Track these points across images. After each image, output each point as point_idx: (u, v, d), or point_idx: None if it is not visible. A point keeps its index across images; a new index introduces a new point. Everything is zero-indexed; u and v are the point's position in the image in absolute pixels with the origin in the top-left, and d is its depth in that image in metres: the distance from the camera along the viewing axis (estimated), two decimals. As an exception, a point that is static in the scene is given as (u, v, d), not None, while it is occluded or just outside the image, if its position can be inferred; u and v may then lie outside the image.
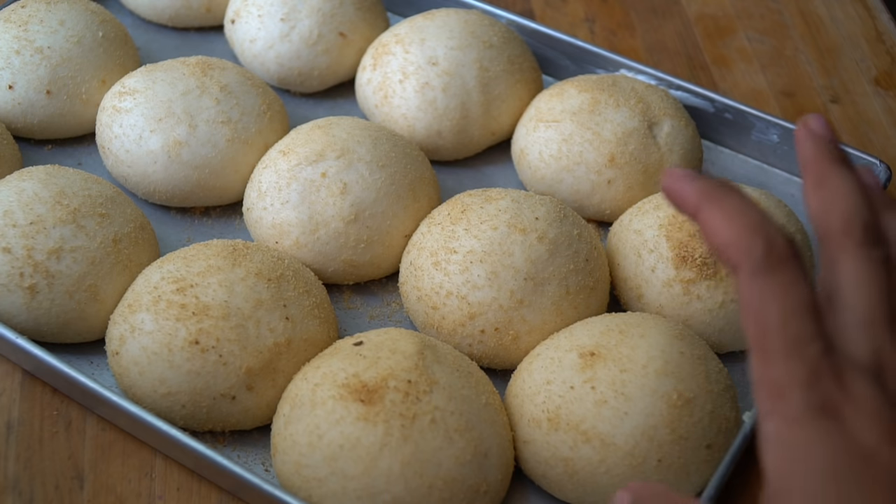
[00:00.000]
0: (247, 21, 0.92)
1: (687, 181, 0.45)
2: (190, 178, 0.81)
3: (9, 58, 0.84)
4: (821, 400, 0.41)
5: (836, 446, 0.41)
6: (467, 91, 0.86)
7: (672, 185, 0.46)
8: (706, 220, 0.44)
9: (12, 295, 0.71)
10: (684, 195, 0.45)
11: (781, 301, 0.42)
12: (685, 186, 0.45)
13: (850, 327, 0.43)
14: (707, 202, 0.44)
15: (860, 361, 0.43)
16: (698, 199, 0.44)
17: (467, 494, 0.63)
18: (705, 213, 0.44)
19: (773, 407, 0.42)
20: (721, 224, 0.43)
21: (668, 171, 0.46)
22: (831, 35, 1.05)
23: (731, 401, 0.68)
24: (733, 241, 0.42)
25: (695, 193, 0.45)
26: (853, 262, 0.44)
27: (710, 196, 0.44)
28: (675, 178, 0.46)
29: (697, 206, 0.44)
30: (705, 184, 0.45)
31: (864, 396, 0.41)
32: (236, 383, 0.67)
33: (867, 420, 0.41)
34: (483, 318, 0.72)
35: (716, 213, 0.43)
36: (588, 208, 0.83)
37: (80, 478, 0.68)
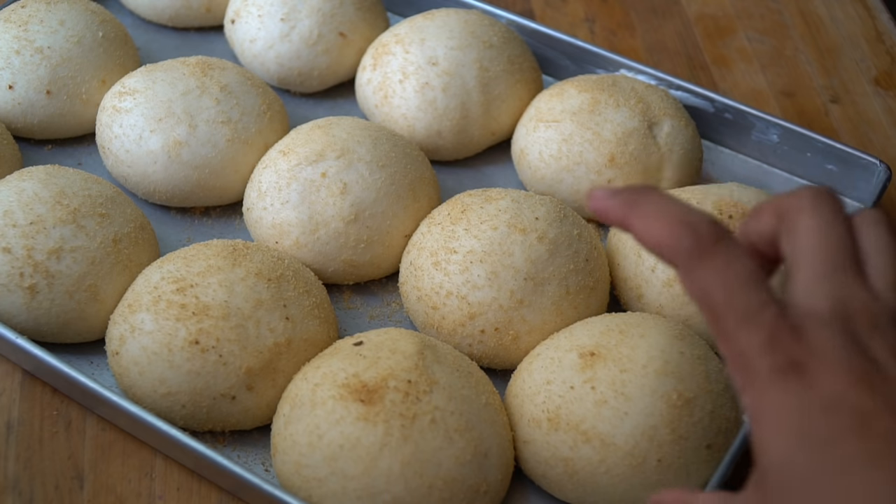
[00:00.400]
0: (247, 21, 0.92)
1: (608, 197, 0.46)
2: (190, 178, 0.81)
3: (9, 58, 0.84)
4: (784, 359, 0.41)
5: (804, 401, 0.41)
6: (467, 91, 0.86)
7: (598, 206, 0.47)
8: (635, 228, 0.45)
9: (12, 295, 0.71)
10: (610, 211, 0.46)
11: (721, 281, 0.42)
12: (608, 203, 0.46)
13: (808, 281, 0.44)
14: (631, 211, 0.45)
15: (820, 313, 0.42)
16: (622, 211, 0.45)
17: (467, 494, 0.63)
18: (632, 221, 0.45)
19: (743, 380, 0.42)
20: (647, 228, 0.44)
21: (591, 193, 0.47)
22: (831, 35, 1.05)
23: (731, 401, 0.68)
24: (663, 241, 0.44)
25: (618, 206, 0.46)
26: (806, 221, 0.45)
27: (631, 204, 0.45)
28: (598, 197, 0.47)
29: (624, 218, 0.45)
30: (625, 194, 0.46)
31: (826, 347, 0.41)
32: (236, 383, 0.67)
33: (831, 368, 0.41)
34: (483, 318, 0.72)
35: (640, 219, 0.45)
36: (588, 208, 0.83)
37: (80, 478, 0.68)
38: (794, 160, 0.89)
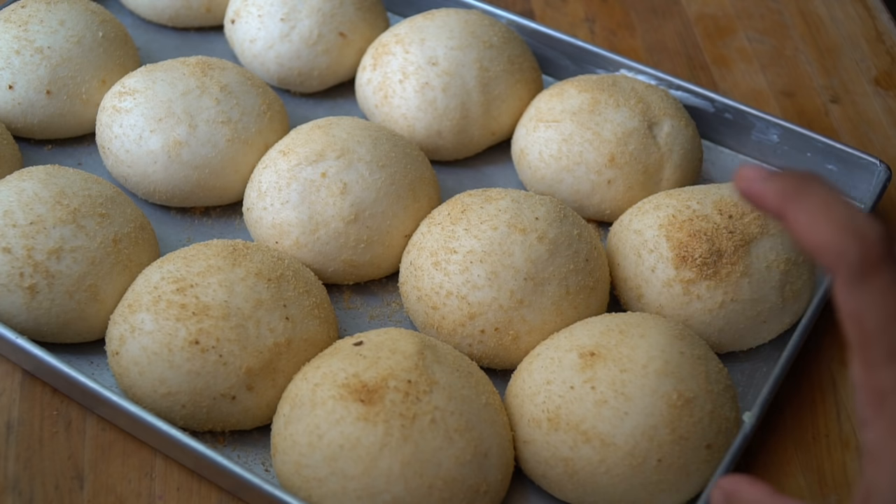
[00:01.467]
0: (247, 21, 0.92)
1: (764, 181, 0.42)
2: (190, 178, 0.81)
3: (9, 58, 0.84)
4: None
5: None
6: (467, 91, 0.86)
7: (749, 188, 0.42)
8: (792, 223, 0.41)
9: (12, 295, 0.71)
10: (764, 198, 0.42)
11: (881, 307, 0.39)
12: (763, 188, 0.42)
13: None
14: (792, 203, 0.41)
15: None
16: (780, 200, 0.41)
17: (467, 494, 0.63)
18: (790, 215, 0.41)
19: (874, 414, 0.40)
20: (809, 227, 0.40)
21: (741, 171, 0.43)
22: (831, 35, 1.05)
23: (731, 401, 0.68)
24: (825, 246, 0.40)
25: (775, 195, 0.42)
26: None
27: (793, 195, 0.41)
28: (751, 179, 0.42)
29: (781, 209, 0.41)
30: (784, 182, 0.41)
31: None
32: (236, 383, 0.67)
33: None
34: (483, 318, 0.72)
35: (801, 214, 0.40)
36: (588, 208, 0.83)
37: (80, 478, 0.68)
38: (794, 160, 0.89)
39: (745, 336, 0.75)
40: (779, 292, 0.74)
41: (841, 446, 0.72)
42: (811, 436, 0.73)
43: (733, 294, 0.73)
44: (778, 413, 0.74)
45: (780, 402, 0.74)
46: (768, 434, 0.73)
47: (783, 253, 0.74)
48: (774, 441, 0.72)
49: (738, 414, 0.68)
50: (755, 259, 0.73)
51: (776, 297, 0.74)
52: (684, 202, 0.76)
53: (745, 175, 0.43)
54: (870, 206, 0.81)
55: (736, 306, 0.73)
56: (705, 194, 0.77)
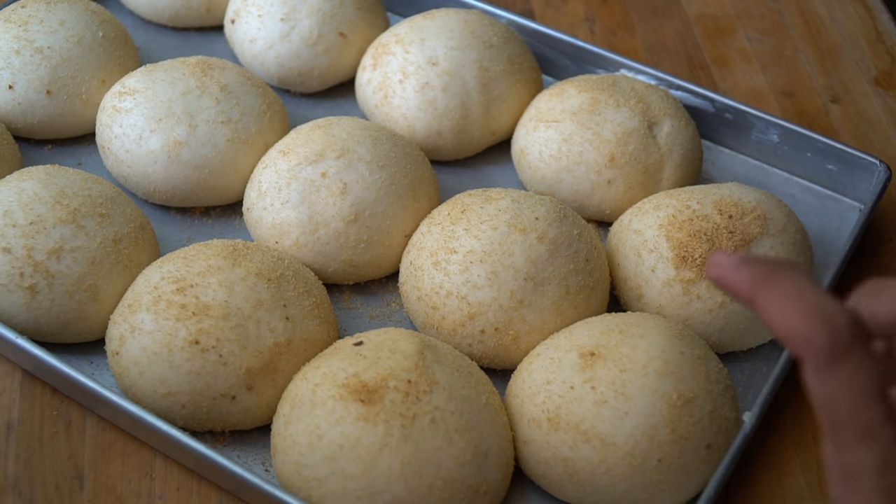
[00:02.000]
0: (247, 21, 0.92)
1: (734, 269, 0.43)
2: (190, 178, 0.81)
3: (9, 58, 0.84)
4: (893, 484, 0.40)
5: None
6: (467, 91, 0.86)
7: (720, 276, 0.44)
8: (762, 311, 0.42)
9: (12, 295, 0.71)
10: (736, 286, 0.43)
11: (850, 391, 0.40)
12: (734, 276, 0.43)
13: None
14: (760, 291, 0.42)
15: None
16: (750, 288, 0.42)
17: (467, 494, 0.63)
18: (760, 303, 0.42)
19: (846, 492, 0.41)
20: (778, 315, 0.41)
21: (713, 259, 0.44)
22: (831, 35, 1.05)
23: (731, 401, 0.68)
24: (794, 333, 0.41)
25: (745, 283, 0.43)
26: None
27: (762, 284, 0.42)
28: (722, 267, 0.43)
29: (751, 297, 0.42)
30: (754, 270, 0.43)
31: None
32: (236, 383, 0.67)
33: None
34: (483, 318, 0.72)
35: (771, 303, 0.42)
36: (588, 208, 0.83)
37: (80, 478, 0.68)
38: (794, 160, 0.89)
39: (745, 336, 0.75)
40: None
41: (841, 446, 0.72)
42: (811, 436, 0.73)
43: (733, 294, 0.73)
44: (778, 413, 0.74)
45: (780, 402, 0.74)
46: (768, 434, 0.73)
47: (783, 253, 0.74)
48: (774, 441, 0.72)
49: (738, 414, 0.68)
50: (755, 259, 0.73)
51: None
52: (684, 202, 0.76)
53: (716, 262, 0.44)
54: (870, 206, 0.81)
55: (736, 306, 0.73)
56: (705, 194, 0.77)
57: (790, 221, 0.77)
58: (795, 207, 0.85)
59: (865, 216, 0.81)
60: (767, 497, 0.70)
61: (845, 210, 0.88)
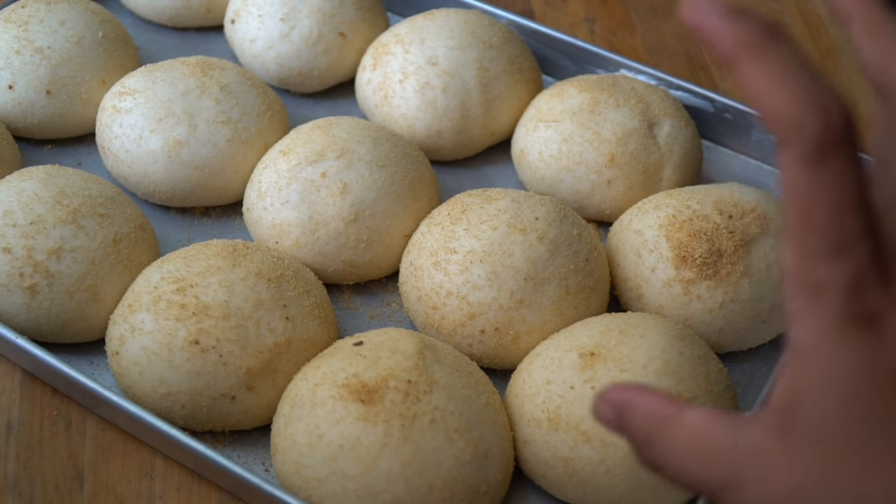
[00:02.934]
0: (247, 21, 0.92)
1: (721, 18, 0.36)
2: (190, 178, 0.81)
3: (9, 58, 0.84)
4: (862, 309, 0.36)
5: (866, 362, 0.36)
6: (467, 91, 0.86)
7: (702, 22, 0.36)
8: (747, 79, 0.36)
9: (12, 295, 0.71)
10: (719, 37, 0.36)
11: (832, 193, 0.35)
12: (719, 26, 0.36)
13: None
14: (748, 55, 0.35)
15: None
16: (736, 47, 0.36)
17: (467, 494, 0.63)
18: (746, 69, 0.36)
19: (806, 309, 0.37)
20: (767, 87, 0.35)
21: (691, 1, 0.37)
22: (831, 35, 1.05)
23: (731, 401, 0.68)
24: (781, 114, 0.35)
25: (732, 39, 0.36)
26: None
27: (751, 47, 0.35)
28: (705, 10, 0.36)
29: (736, 58, 0.36)
30: (745, 27, 0.36)
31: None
32: (236, 383, 0.67)
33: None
34: (483, 318, 0.72)
35: (760, 70, 0.35)
36: (588, 208, 0.83)
37: (80, 478, 0.68)
38: (794, 160, 0.89)
39: (745, 336, 0.75)
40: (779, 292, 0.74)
41: (841, 446, 0.72)
42: (811, 436, 0.73)
43: (733, 294, 0.73)
44: (778, 413, 0.74)
45: (780, 402, 0.74)
46: (768, 434, 0.72)
47: (783, 253, 0.74)
48: (774, 441, 0.72)
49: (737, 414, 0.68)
50: (755, 259, 0.73)
51: (776, 297, 0.74)
52: (684, 202, 0.76)
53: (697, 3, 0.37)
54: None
55: (736, 306, 0.73)
56: (705, 194, 0.77)
57: (790, 221, 0.77)
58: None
59: (865, 216, 0.81)
60: (767, 497, 0.70)
61: (845, 210, 0.88)
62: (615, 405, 0.42)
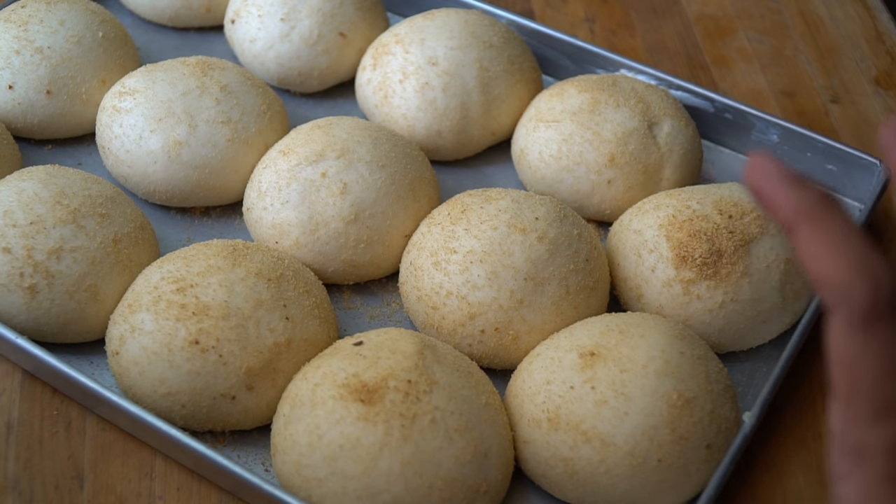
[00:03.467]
0: (247, 21, 0.92)
1: (780, 185, 0.38)
2: (190, 178, 0.81)
3: (9, 58, 0.84)
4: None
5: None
6: (467, 91, 0.86)
7: (763, 187, 0.39)
8: (802, 244, 0.38)
9: (12, 295, 0.71)
10: (778, 204, 0.38)
11: (878, 359, 0.37)
12: (779, 193, 0.38)
13: None
14: (805, 222, 0.38)
15: None
16: (794, 214, 0.38)
17: (467, 494, 0.63)
18: (804, 234, 0.38)
19: (852, 470, 0.39)
20: (821, 253, 0.37)
21: (756, 159, 0.39)
22: (831, 35, 1.05)
23: (731, 401, 0.68)
24: (832, 280, 0.37)
25: (790, 205, 0.38)
26: None
27: (807, 214, 0.38)
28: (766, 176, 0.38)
29: (793, 223, 0.38)
30: (802, 195, 0.38)
31: None
32: (236, 383, 0.67)
33: None
34: (483, 318, 0.72)
35: (817, 236, 0.37)
36: (588, 208, 0.83)
37: (80, 478, 0.68)
38: (794, 160, 0.89)
39: (745, 336, 0.75)
40: (779, 292, 0.74)
41: (841, 446, 0.72)
42: (811, 436, 0.73)
43: (733, 294, 0.73)
44: (778, 413, 0.74)
45: (780, 402, 0.74)
46: (768, 434, 0.73)
47: (783, 253, 0.74)
48: (774, 441, 0.72)
49: (738, 414, 0.68)
50: (755, 259, 0.73)
51: (776, 297, 0.74)
52: (684, 202, 0.76)
53: (760, 168, 0.39)
54: (870, 206, 0.81)
55: (736, 306, 0.73)
56: (705, 194, 0.77)
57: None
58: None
59: (865, 216, 0.81)
60: (767, 497, 0.70)
61: (845, 210, 0.88)
62: None
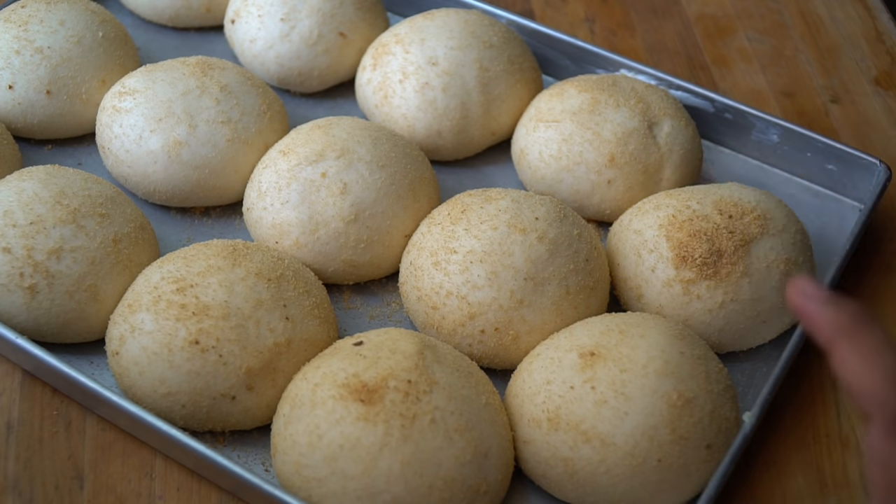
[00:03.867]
0: (247, 21, 0.92)
1: (821, 306, 0.43)
2: (190, 178, 0.81)
3: (9, 58, 0.84)
4: None
5: None
6: (467, 91, 0.86)
7: (805, 309, 0.43)
8: (842, 358, 0.42)
9: (12, 295, 0.71)
10: (819, 324, 0.43)
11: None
12: (819, 314, 0.43)
13: None
14: (843, 340, 0.42)
15: None
16: (833, 333, 0.42)
17: (467, 494, 0.63)
18: (842, 350, 0.42)
19: None
20: (858, 367, 0.42)
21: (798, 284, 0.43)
22: (831, 35, 1.05)
23: (731, 401, 0.68)
24: (869, 392, 0.41)
25: (830, 325, 0.43)
26: None
27: (845, 332, 0.42)
28: (808, 298, 0.43)
29: (832, 342, 0.42)
30: (840, 315, 0.43)
31: None
32: (236, 383, 0.67)
33: None
34: (483, 318, 0.72)
35: (853, 352, 0.42)
36: (588, 208, 0.83)
37: (80, 478, 0.68)
38: (794, 160, 0.89)
39: (745, 336, 0.75)
40: (779, 292, 0.74)
41: (841, 446, 0.72)
42: (811, 436, 0.73)
43: (733, 294, 0.73)
44: (778, 413, 0.74)
45: (780, 402, 0.74)
46: (768, 434, 0.73)
47: (783, 253, 0.74)
48: (774, 441, 0.72)
49: (738, 414, 0.68)
50: (755, 259, 0.73)
51: (776, 297, 0.74)
52: (684, 202, 0.76)
53: (801, 290, 0.43)
54: (870, 206, 0.81)
55: (736, 306, 0.73)
56: (705, 194, 0.77)
57: (790, 221, 0.77)
58: (795, 207, 0.85)
59: (865, 216, 0.81)
60: (767, 497, 0.70)
61: (845, 210, 0.88)
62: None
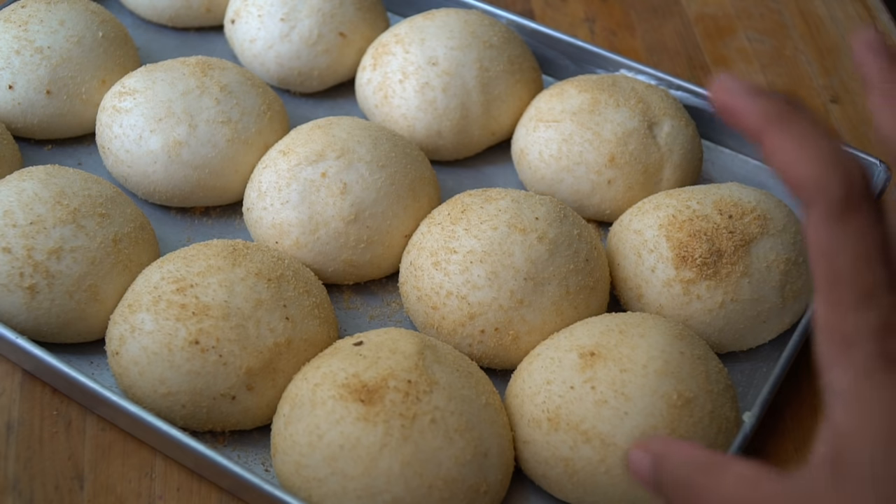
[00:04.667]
0: (247, 21, 0.92)
1: (747, 97, 0.40)
2: (190, 178, 0.81)
3: (9, 58, 0.84)
4: (892, 352, 0.38)
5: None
6: (467, 91, 0.86)
7: (728, 102, 0.40)
8: (773, 149, 0.39)
9: (12, 295, 0.71)
10: (745, 115, 0.40)
11: (856, 247, 0.38)
12: (745, 105, 0.40)
13: None
14: (774, 128, 0.39)
15: None
16: (762, 122, 0.39)
17: (467, 494, 0.63)
18: (772, 138, 0.39)
19: (840, 359, 0.39)
20: (792, 154, 0.39)
21: (721, 79, 0.41)
22: (831, 35, 1.05)
23: (731, 401, 0.68)
24: (806, 178, 0.38)
25: (758, 115, 0.40)
26: None
27: (776, 120, 0.39)
28: (731, 91, 0.40)
29: (762, 131, 0.39)
30: (769, 104, 0.40)
31: None
32: (236, 383, 0.67)
33: None
34: (483, 318, 0.72)
35: (785, 140, 0.39)
36: (588, 208, 0.83)
37: (80, 478, 0.68)
38: (794, 160, 0.89)
39: (745, 336, 0.75)
40: (779, 292, 0.74)
41: (841, 446, 0.72)
42: (811, 436, 0.73)
43: (733, 294, 0.73)
44: (778, 413, 0.74)
45: (780, 402, 0.74)
46: (768, 434, 0.73)
47: (783, 253, 0.74)
48: (774, 441, 0.73)
49: (738, 414, 0.68)
50: (755, 259, 0.73)
51: (776, 297, 0.74)
52: (684, 202, 0.76)
53: (724, 86, 0.40)
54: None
55: (736, 306, 0.73)
56: (705, 194, 0.77)
57: (790, 221, 0.77)
58: (795, 208, 0.85)
59: (865, 216, 0.81)
60: (767, 497, 0.70)
61: (845, 210, 0.88)
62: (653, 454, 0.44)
